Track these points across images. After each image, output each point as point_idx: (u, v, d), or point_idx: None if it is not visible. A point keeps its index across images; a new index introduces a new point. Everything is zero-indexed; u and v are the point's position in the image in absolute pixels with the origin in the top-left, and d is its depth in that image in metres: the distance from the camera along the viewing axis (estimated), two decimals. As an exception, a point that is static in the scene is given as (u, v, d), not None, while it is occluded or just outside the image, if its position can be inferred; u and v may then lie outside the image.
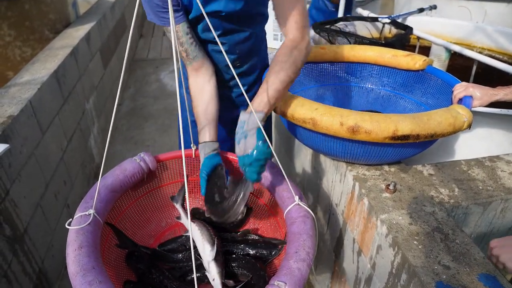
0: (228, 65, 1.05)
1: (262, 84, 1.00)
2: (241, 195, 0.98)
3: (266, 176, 1.10)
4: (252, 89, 1.37)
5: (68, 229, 0.94)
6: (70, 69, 2.29)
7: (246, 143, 0.94)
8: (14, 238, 1.45)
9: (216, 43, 1.13)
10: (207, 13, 0.95)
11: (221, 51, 0.92)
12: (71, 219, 0.96)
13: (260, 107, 0.97)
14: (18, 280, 1.45)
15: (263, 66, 1.37)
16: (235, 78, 1.11)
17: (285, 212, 1.01)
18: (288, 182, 1.03)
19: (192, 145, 1.22)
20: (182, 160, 1.22)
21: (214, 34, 0.84)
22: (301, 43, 1.02)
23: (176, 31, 1.08)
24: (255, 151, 0.92)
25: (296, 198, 1.00)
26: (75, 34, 2.62)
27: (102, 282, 0.81)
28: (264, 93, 0.97)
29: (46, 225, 1.77)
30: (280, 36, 2.18)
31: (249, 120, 0.94)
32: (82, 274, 0.82)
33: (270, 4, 1.17)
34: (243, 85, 1.23)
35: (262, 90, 0.98)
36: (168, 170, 1.26)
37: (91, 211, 0.96)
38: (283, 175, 1.04)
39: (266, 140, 0.92)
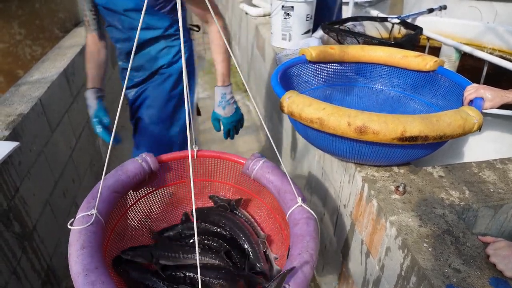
0: (119, 54, 1.48)
1: (217, 65, 1.38)
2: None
3: (269, 178, 1.09)
4: (138, 86, 1.53)
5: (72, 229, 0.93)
6: (79, 68, 2.30)
7: (228, 108, 1.44)
8: (23, 235, 1.46)
9: (108, 31, 1.45)
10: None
11: (115, 40, 1.44)
12: (73, 219, 0.95)
13: (227, 81, 1.41)
14: (27, 276, 1.46)
15: (154, 70, 1.50)
16: (124, 69, 1.49)
17: (288, 214, 0.99)
18: (291, 183, 1.03)
19: (194, 146, 1.23)
20: (184, 161, 1.25)
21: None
22: (222, 23, 1.31)
23: (84, 5, 1.40)
24: (236, 113, 1.49)
25: (299, 199, 0.99)
26: (84, 33, 2.63)
27: (105, 282, 0.80)
28: (223, 70, 1.38)
29: (55, 222, 1.78)
30: (289, 36, 2.18)
31: (227, 92, 1.40)
32: (84, 275, 0.81)
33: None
34: (131, 77, 1.51)
35: (221, 68, 1.37)
36: (170, 171, 1.26)
37: (94, 211, 0.95)
38: (286, 177, 1.04)
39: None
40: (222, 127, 1.54)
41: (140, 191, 1.22)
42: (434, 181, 1.12)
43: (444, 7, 2.97)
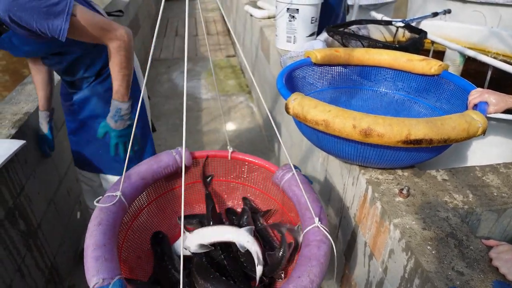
0: (59, 73, 1.47)
1: (114, 83, 1.34)
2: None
3: (294, 191, 1.07)
4: (85, 90, 1.50)
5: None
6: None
7: (120, 122, 1.38)
8: (28, 233, 1.47)
9: (43, 60, 1.44)
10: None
11: (48, 66, 1.47)
12: (101, 197, 1.03)
13: (125, 99, 1.36)
14: (31, 274, 1.47)
15: (97, 74, 1.48)
16: (69, 82, 1.49)
17: (304, 233, 0.97)
18: (313, 201, 0.99)
19: (228, 146, 1.26)
20: (216, 160, 1.28)
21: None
22: (115, 45, 1.28)
23: None
24: (127, 129, 1.41)
25: (316, 220, 0.95)
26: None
27: (108, 260, 0.85)
28: (117, 88, 1.34)
29: (59, 221, 1.79)
30: (293, 38, 2.19)
31: (123, 107, 1.36)
32: (92, 249, 0.87)
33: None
34: (77, 87, 1.50)
35: (116, 86, 1.33)
36: (202, 168, 1.29)
37: (118, 193, 1.02)
38: (311, 193, 1.01)
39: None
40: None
41: (170, 182, 1.27)
42: (438, 184, 1.12)
43: (449, 11, 2.98)
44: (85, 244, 0.89)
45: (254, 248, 1.08)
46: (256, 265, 1.06)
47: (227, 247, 1.15)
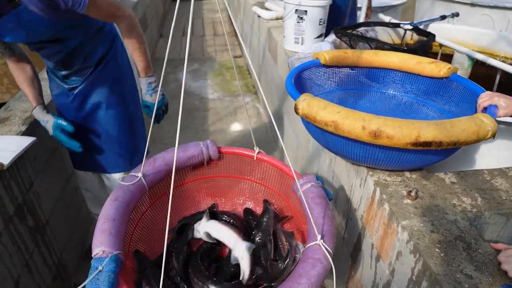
0: (54, 67, 1.46)
1: (136, 61, 1.44)
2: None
3: (308, 203, 1.03)
4: (85, 82, 1.49)
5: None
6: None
7: (155, 95, 1.51)
8: (36, 229, 1.49)
9: (39, 50, 1.39)
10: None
11: (45, 57, 1.41)
12: (126, 175, 1.09)
13: (150, 72, 1.48)
14: (39, 270, 1.48)
15: (97, 63, 1.49)
16: (66, 76, 1.47)
17: (305, 248, 0.93)
18: (320, 216, 0.96)
19: (255, 147, 1.26)
20: (241, 158, 1.28)
21: None
22: (127, 23, 1.35)
23: None
24: (163, 99, 1.56)
25: (319, 237, 0.90)
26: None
27: (113, 234, 0.89)
28: (142, 65, 1.44)
29: (66, 218, 1.81)
30: (301, 40, 2.19)
31: (151, 81, 1.49)
32: (102, 221, 0.91)
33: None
34: (76, 81, 1.48)
35: (140, 63, 1.44)
36: (227, 164, 1.31)
37: (139, 175, 1.07)
38: (324, 209, 0.98)
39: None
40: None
41: (194, 173, 1.30)
42: (446, 187, 1.12)
43: (457, 14, 2.96)
44: (99, 215, 0.95)
45: (244, 266, 1.05)
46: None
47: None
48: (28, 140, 1.38)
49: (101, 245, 0.86)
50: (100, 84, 1.50)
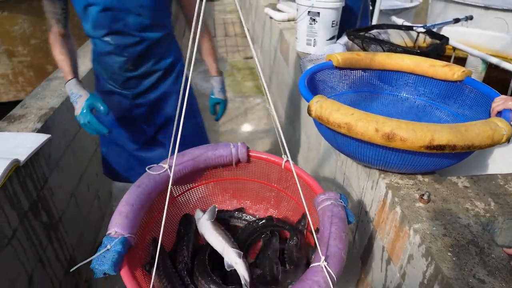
0: (121, 67, 1.37)
1: (208, 58, 1.56)
2: None
3: (323, 222, 0.98)
4: (151, 91, 1.48)
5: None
6: (107, 66, 2.36)
7: (225, 93, 1.64)
8: (50, 225, 1.51)
9: (104, 42, 1.32)
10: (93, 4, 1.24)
11: (110, 53, 1.34)
12: (154, 165, 1.12)
13: (221, 73, 1.61)
14: (52, 265, 1.50)
15: (167, 68, 1.47)
16: (130, 80, 1.41)
17: (309, 267, 0.88)
18: (331, 236, 0.91)
19: (283, 155, 1.21)
20: (269, 164, 1.26)
21: None
22: (206, 24, 1.55)
23: (54, 5, 1.31)
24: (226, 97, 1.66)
25: (322, 258, 0.84)
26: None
27: (129, 218, 0.92)
28: (216, 63, 1.58)
29: (79, 215, 1.83)
30: (313, 41, 2.19)
31: (223, 79, 1.62)
32: (122, 204, 0.95)
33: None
34: (139, 87, 1.44)
35: (214, 62, 1.57)
36: (254, 168, 1.30)
37: (166, 166, 1.10)
38: (337, 231, 0.93)
39: None
40: (217, 110, 1.70)
41: (222, 173, 1.31)
42: (459, 191, 1.11)
43: (471, 18, 2.94)
44: (122, 198, 1.00)
45: (241, 270, 1.02)
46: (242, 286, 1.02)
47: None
48: (43, 137, 1.41)
49: (115, 226, 0.90)
50: (176, 95, 1.51)
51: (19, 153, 1.29)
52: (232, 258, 1.05)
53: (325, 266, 0.83)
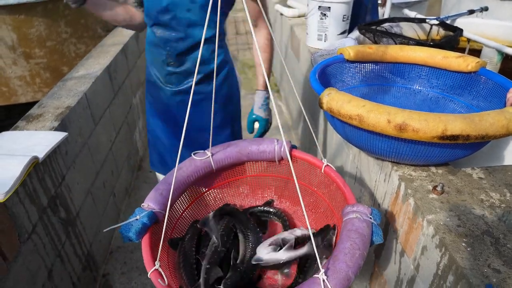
0: (163, 60, 1.39)
1: (258, 68, 1.51)
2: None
3: (344, 233, 0.91)
4: (191, 92, 1.44)
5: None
6: (121, 65, 2.40)
7: (268, 111, 1.56)
8: (68, 221, 1.55)
9: (153, 32, 1.36)
10: None
11: (156, 45, 1.36)
12: (200, 151, 1.14)
13: (265, 87, 1.52)
14: (70, 260, 1.54)
15: (209, 74, 1.42)
16: (171, 75, 1.41)
17: (308, 278, 0.83)
18: (343, 251, 0.84)
19: (323, 159, 1.16)
20: (311, 166, 1.21)
21: None
22: (267, 31, 1.44)
23: None
24: (270, 116, 1.60)
25: (322, 271, 0.76)
26: (125, 32, 2.74)
27: (163, 196, 0.97)
28: (261, 76, 1.50)
29: (95, 211, 1.87)
30: (324, 36, 2.19)
31: (268, 96, 1.52)
32: (162, 182, 1.01)
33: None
34: (179, 85, 1.43)
35: (265, 74, 1.31)
36: (297, 168, 1.24)
37: (209, 153, 1.13)
38: (352, 246, 0.85)
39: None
40: (256, 128, 1.63)
41: (261, 168, 1.29)
42: (474, 182, 1.10)
43: (486, 9, 2.88)
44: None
45: (282, 255, 1.02)
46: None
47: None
48: (60, 135, 1.44)
49: (149, 200, 0.95)
50: (217, 98, 1.49)
51: (37, 150, 1.32)
52: (264, 250, 1.04)
53: (323, 280, 0.74)
